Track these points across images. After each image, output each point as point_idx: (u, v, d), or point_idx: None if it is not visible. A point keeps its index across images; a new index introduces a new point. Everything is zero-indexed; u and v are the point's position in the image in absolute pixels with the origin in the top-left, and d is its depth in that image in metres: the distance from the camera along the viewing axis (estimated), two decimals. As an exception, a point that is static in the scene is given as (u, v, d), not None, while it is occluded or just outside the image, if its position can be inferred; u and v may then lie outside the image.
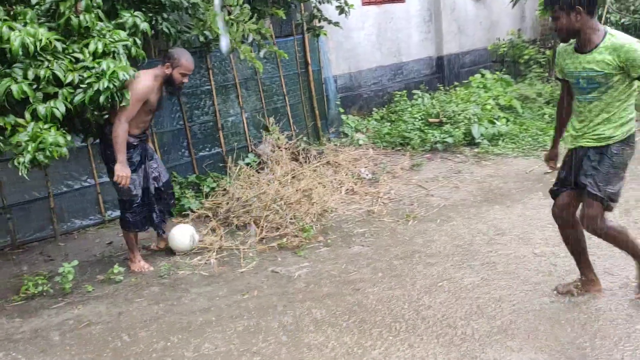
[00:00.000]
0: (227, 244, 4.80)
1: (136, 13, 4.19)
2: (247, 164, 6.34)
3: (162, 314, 3.76)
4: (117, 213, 5.52)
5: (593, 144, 3.19)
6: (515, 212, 5.01)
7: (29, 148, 3.42)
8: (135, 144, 4.29)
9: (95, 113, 3.99)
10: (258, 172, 6.14)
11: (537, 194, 5.39)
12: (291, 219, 5.10)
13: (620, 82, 3.06)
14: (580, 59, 3.13)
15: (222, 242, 4.83)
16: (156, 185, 4.54)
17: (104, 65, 3.74)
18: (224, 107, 6.52)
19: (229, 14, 5.34)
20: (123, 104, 3.97)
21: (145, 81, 4.17)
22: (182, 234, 4.68)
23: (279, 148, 6.61)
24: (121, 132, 4.07)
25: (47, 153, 3.44)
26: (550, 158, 3.60)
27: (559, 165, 3.54)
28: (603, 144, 3.14)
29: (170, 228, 4.77)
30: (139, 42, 4.11)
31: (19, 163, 3.43)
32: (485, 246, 4.37)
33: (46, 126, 3.51)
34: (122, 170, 4.13)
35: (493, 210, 5.09)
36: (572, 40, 3.20)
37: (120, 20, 4.13)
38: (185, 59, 4.26)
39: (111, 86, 3.74)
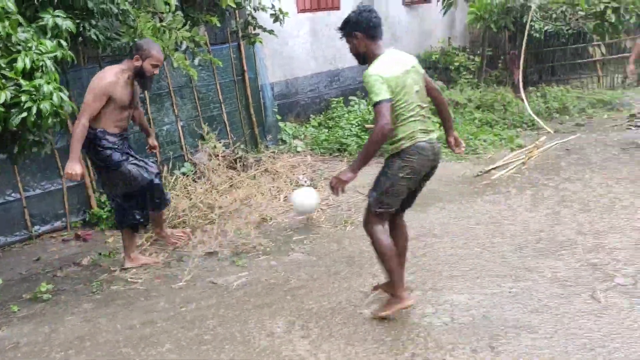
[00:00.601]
0: (163, 256, 4.68)
1: (56, 12, 4.04)
2: (184, 174, 6.23)
3: (96, 331, 3.62)
4: (45, 227, 5.31)
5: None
6: (448, 214, 5.17)
7: None
8: (115, 141, 4.22)
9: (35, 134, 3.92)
10: (195, 182, 6.05)
11: (470, 196, 5.59)
12: (230, 228, 5.05)
13: None
14: None
15: (157, 255, 4.71)
16: (156, 181, 4.49)
17: (44, 88, 3.62)
18: (159, 116, 6.38)
19: (161, 20, 5.24)
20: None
21: (107, 77, 4.09)
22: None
23: (216, 157, 6.54)
24: (79, 129, 4.01)
25: None
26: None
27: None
28: (387, 156, 3.39)
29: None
30: (64, 43, 3.96)
31: None
32: (420, 249, 4.47)
33: None
34: (70, 168, 4.00)
35: (427, 213, 5.22)
36: None
37: (41, 23, 3.95)
38: (155, 50, 4.21)
39: (50, 109, 3.64)
